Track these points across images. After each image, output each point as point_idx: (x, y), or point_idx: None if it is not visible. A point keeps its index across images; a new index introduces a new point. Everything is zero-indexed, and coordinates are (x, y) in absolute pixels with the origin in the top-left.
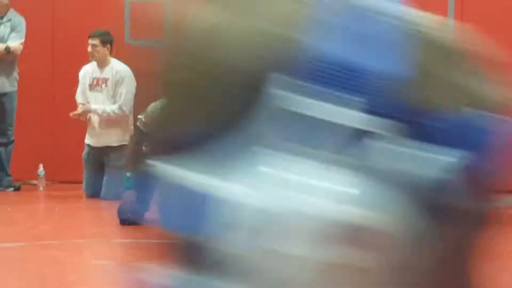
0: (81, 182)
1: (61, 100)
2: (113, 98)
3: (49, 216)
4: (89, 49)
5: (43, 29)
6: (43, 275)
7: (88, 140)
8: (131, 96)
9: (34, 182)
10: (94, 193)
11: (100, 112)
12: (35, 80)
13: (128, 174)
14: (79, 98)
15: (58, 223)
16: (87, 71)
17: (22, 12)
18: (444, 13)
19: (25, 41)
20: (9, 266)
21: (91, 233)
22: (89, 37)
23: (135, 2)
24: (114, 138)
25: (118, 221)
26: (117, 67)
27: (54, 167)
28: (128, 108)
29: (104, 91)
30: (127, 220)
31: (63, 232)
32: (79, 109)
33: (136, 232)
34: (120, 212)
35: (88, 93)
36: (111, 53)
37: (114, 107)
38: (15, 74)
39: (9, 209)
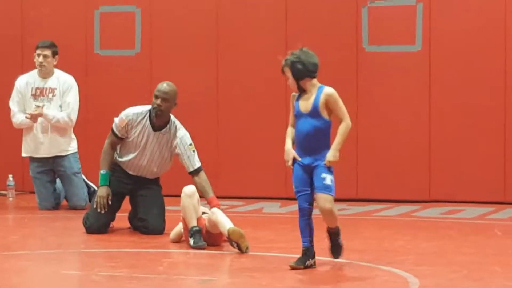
0: None
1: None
2: (61, 107)
3: (18, 227)
4: (40, 59)
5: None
6: (11, 286)
7: (31, 152)
8: (77, 106)
9: (3, 192)
10: (51, 206)
11: (50, 117)
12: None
13: (102, 172)
14: (15, 107)
15: (27, 233)
16: (28, 82)
17: None
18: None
19: None
20: None
21: (59, 243)
22: (38, 47)
23: (105, 12)
24: (63, 147)
25: (84, 230)
26: (63, 77)
27: (23, 178)
28: (74, 118)
29: (53, 100)
30: (93, 229)
31: (31, 242)
32: (35, 111)
33: (101, 241)
34: (87, 222)
35: (32, 102)
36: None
37: (64, 115)
38: None
39: None
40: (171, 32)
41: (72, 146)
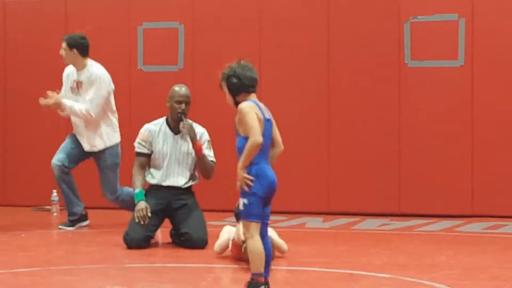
0: (94, 208)
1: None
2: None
3: (62, 242)
4: (61, 51)
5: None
6: None
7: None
8: (99, 101)
9: (48, 207)
10: (69, 166)
11: (68, 108)
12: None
13: (136, 191)
14: (62, 95)
15: (71, 248)
16: (70, 73)
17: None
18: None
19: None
20: None
21: (102, 258)
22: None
23: (148, 28)
24: (96, 142)
25: (126, 246)
26: (91, 70)
27: None
28: (95, 112)
29: (80, 95)
30: (133, 245)
31: (75, 257)
32: (51, 100)
33: (145, 256)
34: (127, 238)
35: (70, 95)
36: (84, 56)
37: (82, 107)
38: None
39: (23, 234)
40: (214, 48)
41: (105, 141)
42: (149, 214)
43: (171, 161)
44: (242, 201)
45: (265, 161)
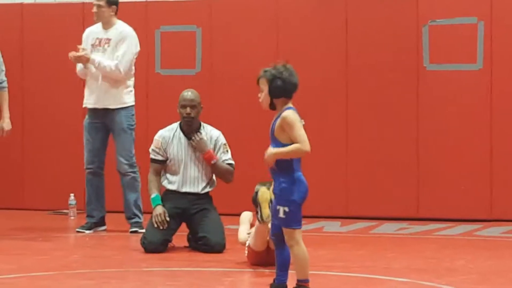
0: (112, 211)
1: None
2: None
3: (79, 246)
4: (94, 9)
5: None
6: None
7: (85, 102)
8: (129, 57)
9: (65, 211)
10: (99, 165)
11: (96, 63)
12: (64, 111)
13: (152, 196)
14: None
15: (87, 252)
16: (92, 31)
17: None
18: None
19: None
20: None
21: (119, 262)
22: None
23: (166, 31)
24: (113, 99)
25: (143, 250)
26: (121, 28)
27: (85, 196)
28: (124, 68)
29: (108, 50)
30: (151, 248)
31: (92, 261)
32: (80, 52)
33: (162, 260)
34: (144, 242)
35: (91, 52)
36: (116, 14)
37: (112, 63)
38: None
39: (40, 238)
40: (231, 51)
41: (125, 100)
42: (168, 219)
43: (188, 167)
44: (282, 209)
45: (300, 168)
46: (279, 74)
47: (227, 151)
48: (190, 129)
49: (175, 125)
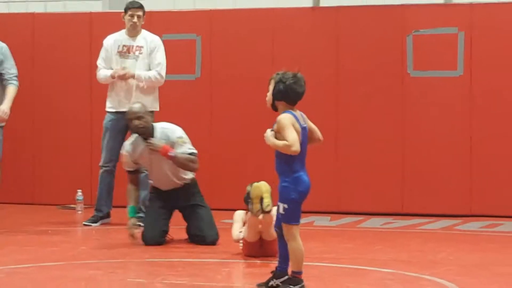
0: (117, 207)
1: (99, 126)
2: (148, 65)
3: (86, 238)
4: (135, 19)
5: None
6: None
7: (114, 108)
8: (165, 64)
9: (73, 206)
10: (114, 165)
11: (143, 78)
12: (72, 112)
13: (128, 207)
14: (102, 63)
15: (94, 244)
16: (116, 39)
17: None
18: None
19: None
20: (50, 284)
21: (124, 253)
22: (129, 8)
23: (168, 39)
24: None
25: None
26: (150, 37)
27: (91, 192)
28: (164, 75)
29: (139, 58)
30: (151, 243)
31: (98, 252)
32: (121, 72)
33: (163, 252)
34: (144, 237)
35: (119, 59)
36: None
37: (155, 73)
38: None
39: (50, 231)
40: (229, 58)
41: (154, 106)
42: (135, 232)
43: (158, 169)
44: (282, 206)
45: (303, 168)
46: (284, 80)
47: (183, 143)
48: (146, 136)
49: (135, 135)
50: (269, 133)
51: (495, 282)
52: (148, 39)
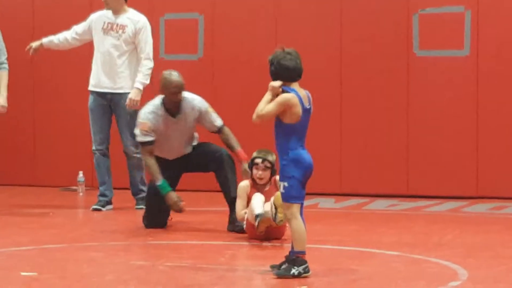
0: (119, 188)
1: None
2: (133, 44)
3: (88, 221)
4: None
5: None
6: (83, 275)
7: (93, 86)
8: (151, 45)
9: (74, 187)
10: (107, 147)
11: (144, 84)
12: (73, 92)
13: (158, 183)
14: (76, 27)
15: (96, 227)
16: (102, 15)
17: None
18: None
19: None
20: (51, 267)
21: (126, 235)
22: None
23: (170, 19)
24: (122, 84)
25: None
26: (136, 17)
27: (93, 174)
28: (151, 56)
29: (122, 37)
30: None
31: (100, 235)
32: (132, 100)
33: (166, 234)
34: (145, 222)
35: (102, 36)
36: (126, 2)
37: (145, 66)
38: None
39: (51, 213)
40: (232, 38)
41: (130, 84)
42: (183, 203)
43: (174, 141)
44: (282, 184)
45: (302, 146)
46: (273, 60)
47: (213, 111)
48: (175, 108)
49: (158, 103)
50: (276, 84)
51: (502, 264)
52: (133, 19)
